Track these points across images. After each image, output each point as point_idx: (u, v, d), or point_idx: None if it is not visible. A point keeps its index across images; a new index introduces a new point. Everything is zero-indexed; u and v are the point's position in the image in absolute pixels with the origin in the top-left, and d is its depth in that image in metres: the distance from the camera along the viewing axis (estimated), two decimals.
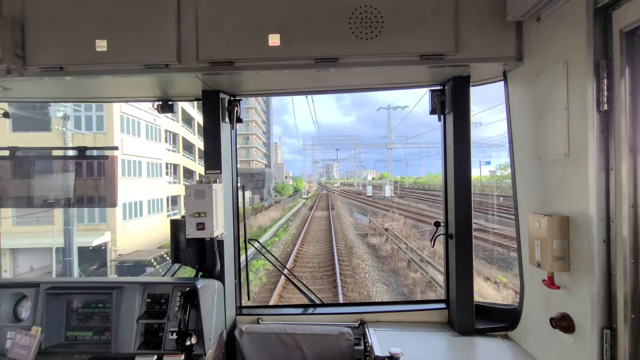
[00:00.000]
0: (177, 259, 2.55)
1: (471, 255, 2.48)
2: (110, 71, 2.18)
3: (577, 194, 1.70)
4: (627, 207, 1.50)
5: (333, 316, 2.73)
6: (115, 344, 2.18)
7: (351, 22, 2.09)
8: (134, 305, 2.25)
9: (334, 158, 79.31)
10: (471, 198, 2.46)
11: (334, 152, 67.74)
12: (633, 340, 1.51)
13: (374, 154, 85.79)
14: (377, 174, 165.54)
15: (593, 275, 1.58)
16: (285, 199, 52.94)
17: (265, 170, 57.51)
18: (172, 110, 2.76)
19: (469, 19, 2.08)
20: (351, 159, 76.61)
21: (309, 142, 48.50)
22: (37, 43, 2.17)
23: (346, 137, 51.94)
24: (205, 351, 2.15)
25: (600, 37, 1.57)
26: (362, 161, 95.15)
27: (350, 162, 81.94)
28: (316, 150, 68.11)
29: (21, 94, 2.67)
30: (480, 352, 2.33)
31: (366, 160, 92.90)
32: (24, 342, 2.16)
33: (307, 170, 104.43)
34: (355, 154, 62.78)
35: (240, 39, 2.12)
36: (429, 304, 2.81)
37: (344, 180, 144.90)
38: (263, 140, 77.37)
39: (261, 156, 75.18)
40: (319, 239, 19.37)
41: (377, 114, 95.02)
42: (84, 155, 2.52)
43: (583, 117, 1.62)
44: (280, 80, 2.50)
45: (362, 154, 66.21)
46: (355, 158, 69.41)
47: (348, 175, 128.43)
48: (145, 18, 2.14)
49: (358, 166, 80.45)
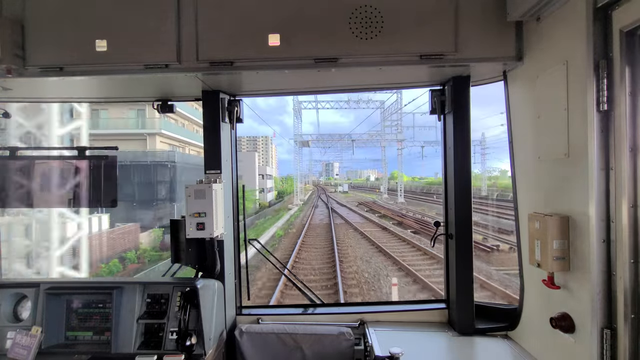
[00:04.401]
0: (177, 259, 2.55)
1: (471, 255, 2.48)
2: (110, 71, 2.18)
3: (577, 193, 1.70)
4: (627, 207, 1.50)
5: (333, 316, 2.73)
6: (115, 344, 2.18)
7: (351, 22, 2.09)
8: (134, 305, 2.25)
9: (332, 159, 76.15)
10: (471, 198, 2.47)
11: (333, 153, 64.53)
12: (633, 340, 1.51)
13: (373, 154, 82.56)
14: (379, 174, 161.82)
15: (593, 275, 1.58)
16: (253, 216, 28.43)
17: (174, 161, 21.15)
18: (172, 111, 2.76)
19: (469, 19, 2.08)
20: (351, 159, 74.74)
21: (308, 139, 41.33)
22: (37, 43, 2.17)
23: (344, 136, 43.07)
24: (205, 351, 2.15)
25: (600, 37, 1.57)
26: (362, 161, 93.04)
27: (349, 162, 79.04)
28: (313, 147, 54.29)
29: (21, 94, 2.67)
30: (480, 352, 2.33)
31: (367, 160, 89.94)
32: (24, 342, 2.16)
33: (304, 169, 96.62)
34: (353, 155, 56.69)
35: (240, 39, 2.13)
36: (429, 303, 2.82)
37: (349, 180, 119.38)
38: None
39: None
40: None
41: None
42: (84, 155, 2.52)
43: (583, 117, 1.62)
44: (280, 80, 2.49)
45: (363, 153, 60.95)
46: (354, 159, 64.71)
47: (348, 175, 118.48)
48: (145, 18, 2.14)
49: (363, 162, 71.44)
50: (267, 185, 51.63)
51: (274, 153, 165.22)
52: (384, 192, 51.67)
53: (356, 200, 49.90)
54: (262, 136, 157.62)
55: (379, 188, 68.56)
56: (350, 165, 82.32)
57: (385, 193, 51.03)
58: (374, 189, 79.54)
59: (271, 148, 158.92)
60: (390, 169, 63.89)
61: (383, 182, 56.29)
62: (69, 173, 2.54)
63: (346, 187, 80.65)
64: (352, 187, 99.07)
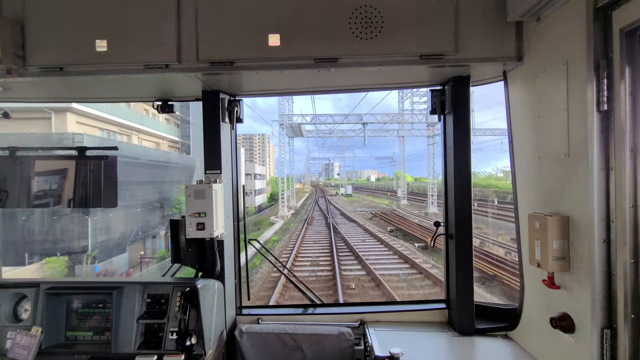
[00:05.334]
0: (177, 259, 2.55)
1: (471, 255, 2.48)
2: (110, 71, 2.18)
3: (577, 193, 1.70)
4: (627, 207, 1.50)
5: (333, 316, 2.73)
6: (115, 344, 2.18)
7: (351, 22, 2.09)
8: (134, 305, 2.25)
9: (332, 157, 72.89)
10: (471, 198, 2.47)
11: (333, 150, 61.22)
12: (633, 340, 1.51)
13: (378, 150, 78.92)
14: (380, 174, 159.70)
15: (593, 275, 1.58)
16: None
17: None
18: (172, 111, 2.76)
19: (469, 19, 2.08)
20: (354, 157, 73.19)
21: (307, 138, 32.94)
22: (37, 43, 2.17)
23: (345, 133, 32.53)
24: (206, 351, 2.15)
25: (600, 36, 1.57)
26: (366, 159, 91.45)
27: (351, 160, 76.62)
28: (309, 138, 45.08)
29: (21, 94, 2.67)
30: (481, 352, 2.33)
31: (367, 160, 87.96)
32: (24, 342, 2.16)
33: (301, 169, 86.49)
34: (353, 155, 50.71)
35: (240, 39, 2.13)
36: (429, 304, 2.81)
37: (350, 180, 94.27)
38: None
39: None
40: None
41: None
42: (85, 155, 2.52)
43: (583, 117, 1.62)
44: (280, 80, 2.50)
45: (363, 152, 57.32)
46: (357, 157, 60.57)
47: (349, 175, 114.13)
48: (145, 18, 2.14)
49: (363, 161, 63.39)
50: (255, 186, 41.91)
51: (271, 152, 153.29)
52: (402, 197, 39.65)
53: (364, 206, 39.70)
54: (259, 134, 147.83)
55: (390, 190, 57.72)
56: (353, 164, 76.29)
57: (404, 198, 39.65)
58: (381, 191, 68.68)
59: (268, 147, 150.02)
60: (392, 168, 58.99)
61: (400, 184, 43.12)
62: (68, 173, 2.55)
63: (349, 189, 67.07)
64: (355, 188, 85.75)
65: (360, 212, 33.15)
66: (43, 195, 2.58)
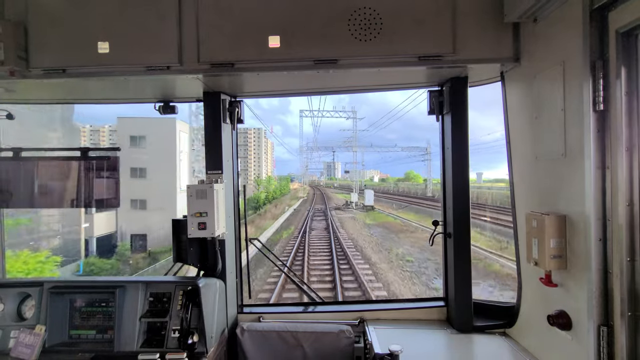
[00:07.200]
0: (179, 258, 2.57)
1: (469, 253, 2.50)
2: (112, 73, 2.21)
3: (574, 193, 1.72)
4: (623, 206, 1.51)
5: (333, 314, 2.76)
6: (118, 342, 2.20)
7: (350, 24, 2.11)
8: (137, 303, 2.28)
9: (331, 159, 70.13)
10: (469, 197, 2.49)
11: (331, 153, 60.58)
12: (630, 337, 1.53)
13: (374, 153, 77.63)
14: (382, 174, 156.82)
15: (590, 273, 1.60)
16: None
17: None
18: (174, 112, 2.79)
19: (467, 21, 2.10)
20: (352, 157, 70.72)
21: (309, 140, 32.61)
22: (40, 45, 2.20)
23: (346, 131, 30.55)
24: (207, 349, 2.18)
25: (596, 38, 1.58)
26: (363, 160, 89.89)
27: (350, 162, 73.91)
28: (312, 145, 45.24)
29: (24, 95, 2.70)
30: (479, 349, 2.35)
31: (367, 160, 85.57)
32: (27, 340, 2.18)
33: (300, 169, 79.13)
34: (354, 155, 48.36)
35: (241, 40, 2.15)
36: (428, 301, 2.84)
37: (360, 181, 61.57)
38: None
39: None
40: None
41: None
42: (87, 155, 2.55)
43: (579, 117, 1.64)
44: (281, 81, 2.52)
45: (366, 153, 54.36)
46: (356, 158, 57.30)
47: (351, 176, 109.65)
48: (146, 20, 2.16)
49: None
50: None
51: (269, 149, 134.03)
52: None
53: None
54: (254, 128, 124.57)
55: (425, 197, 38.71)
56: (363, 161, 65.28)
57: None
58: (409, 198, 43.23)
59: (265, 143, 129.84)
60: (392, 169, 51.17)
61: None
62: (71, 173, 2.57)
63: (371, 197, 35.33)
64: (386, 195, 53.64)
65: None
66: (46, 196, 2.60)
